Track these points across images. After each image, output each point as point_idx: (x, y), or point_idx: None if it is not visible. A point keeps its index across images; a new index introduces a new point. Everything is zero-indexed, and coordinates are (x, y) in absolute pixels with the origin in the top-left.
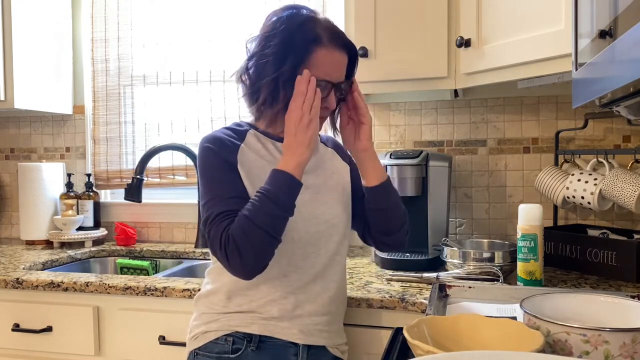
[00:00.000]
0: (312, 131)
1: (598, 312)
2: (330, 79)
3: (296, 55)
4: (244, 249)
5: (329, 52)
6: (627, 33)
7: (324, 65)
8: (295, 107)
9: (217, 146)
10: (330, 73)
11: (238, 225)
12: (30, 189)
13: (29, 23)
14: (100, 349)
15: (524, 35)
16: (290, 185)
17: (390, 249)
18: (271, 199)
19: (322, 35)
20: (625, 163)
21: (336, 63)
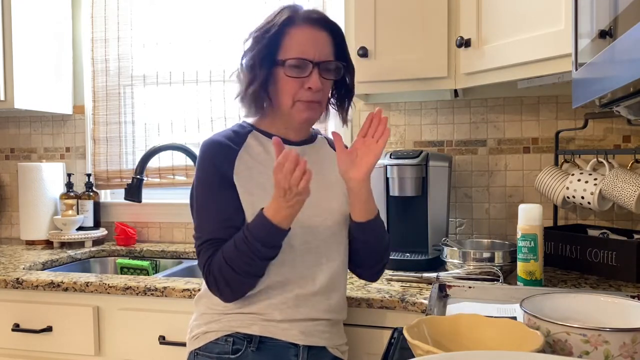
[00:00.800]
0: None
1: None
2: (306, 56)
3: (271, 36)
4: (222, 286)
5: (302, 29)
6: (627, 33)
7: (298, 43)
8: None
9: (215, 154)
10: (306, 50)
11: (217, 264)
12: (30, 189)
13: (29, 23)
14: (100, 349)
15: (524, 35)
16: (274, 235)
17: (361, 278)
18: (252, 251)
19: (295, 16)
20: (625, 163)
21: (311, 39)
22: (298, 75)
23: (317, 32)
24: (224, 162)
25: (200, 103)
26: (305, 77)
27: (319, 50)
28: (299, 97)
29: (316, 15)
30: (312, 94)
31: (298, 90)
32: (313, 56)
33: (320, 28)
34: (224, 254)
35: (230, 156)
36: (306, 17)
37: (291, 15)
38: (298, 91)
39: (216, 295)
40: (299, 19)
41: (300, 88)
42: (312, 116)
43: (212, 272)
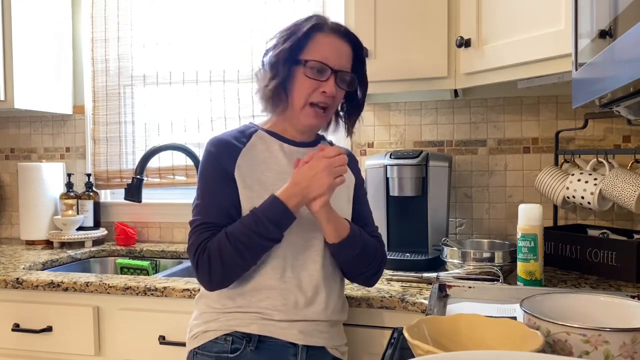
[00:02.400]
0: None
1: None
2: (328, 62)
3: (298, 37)
4: (214, 266)
5: (328, 37)
6: (627, 33)
7: (322, 48)
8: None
9: (219, 151)
10: (329, 57)
11: (217, 242)
12: (30, 189)
13: (29, 23)
14: (100, 349)
15: (524, 35)
16: (285, 216)
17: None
18: (260, 227)
19: (324, 24)
20: (625, 163)
21: (335, 47)
22: (316, 77)
23: (342, 43)
24: (227, 159)
25: (200, 103)
26: (323, 80)
27: (340, 59)
28: (311, 99)
29: (343, 28)
30: (325, 98)
31: (312, 92)
32: (334, 63)
33: (345, 40)
34: (228, 231)
35: (233, 153)
36: (334, 27)
37: (320, 22)
38: (312, 93)
39: (202, 277)
40: (327, 27)
41: (315, 90)
42: (317, 124)
43: (209, 251)
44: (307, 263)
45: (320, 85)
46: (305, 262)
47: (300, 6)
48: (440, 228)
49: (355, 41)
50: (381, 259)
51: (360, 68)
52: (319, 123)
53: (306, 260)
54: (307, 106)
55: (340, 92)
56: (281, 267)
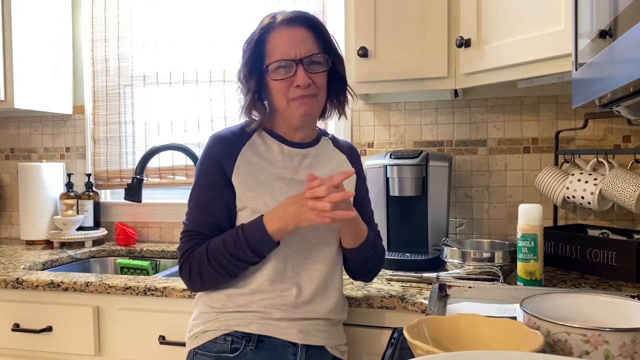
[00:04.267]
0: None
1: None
2: (287, 56)
3: (254, 46)
4: (194, 277)
5: (279, 33)
6: (627, 33)
7: (277, 46)
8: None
9: (219, 149)
10: (286, 51)
11: (199, 256)
12: (30, 189)
13: (29, 23)
14: (100, 349)
15: (524, 35)
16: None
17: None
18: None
19: (274, 22)
20: (625, 163)
21: (288, 38)
22: (284, 76)
23: (295, 30)
24: (225, 157)
25: (200, 103)
26: (292, 76)
27: (299, 47)
28: (290, 96)
29: (292, 14)
30: (302, 91)
31: (287, 90)
32: (294, 54)
33: (298, 26)
34: (209, 247)
35: (233, 151)
36: (282, 20)
37: (270, 21)
38: (288, 91)
39: (184, 282)
40: (276, 23)
41: (290, 87)
42: (308, 110)
43: (190, 260)
44: (307, 263)
45: (292, 81)
46: (304, 262)
47: (300, 6)
48: (440, 228)
49: (310, 21)
50: (382, 257)
51: (327, 44)
52: (310, 109)
53: (306, 260)
54: (290, 102)
55: (318, 77)
56: (281, 268)
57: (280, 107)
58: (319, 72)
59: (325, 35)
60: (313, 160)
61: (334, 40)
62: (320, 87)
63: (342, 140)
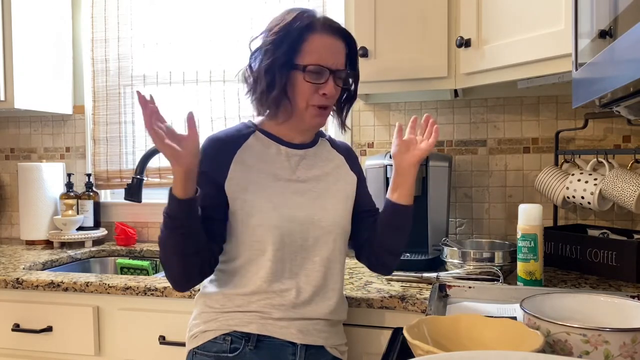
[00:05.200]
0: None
1: (598, 312)
2: (325, 64)
3: (291, 41)
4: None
5: (322, 37)
6: (627, 33)
7: (318, 50)
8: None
9: (214, 151)
10: (325, 58)
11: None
12: (30, 189)
13: (29, 23)
14: (100, 349)
15: (524, 35)
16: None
17: (383, 270)
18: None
19: (315, 23)
20: (625, 163)
21: (330, 47)
22: (316, 81)
23: (335, 41)
24: (219, 159)
25: (200, 103)
26: (322, 83)
27: (335, 58)
28: (312, 101)
29: (335, 24)
30: (326, 100)
31: (313, 95)
32: (331, 64)
33: (338, 37)
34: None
35: (228, 153)
36: (326, 26)
37: (311, 22)
38: (313, 96)
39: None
40: (318, 25)
41: (315, 93)
42: (322, 122)
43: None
44: (306, 263)
45: (320, 87)
46: (303, 263)
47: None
48: (440, 228)
49: (347, 36)
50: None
51: (353, 62)
52: (323, 122)
53: (304, 261)
54: (309, 107)
55: (338, 91)
56: (279, 269)
57: (298, 107)
58: (342, 87)
59: (355, 54)
60: (311, 161)
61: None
62: (335, 100)
63: (339, 141)
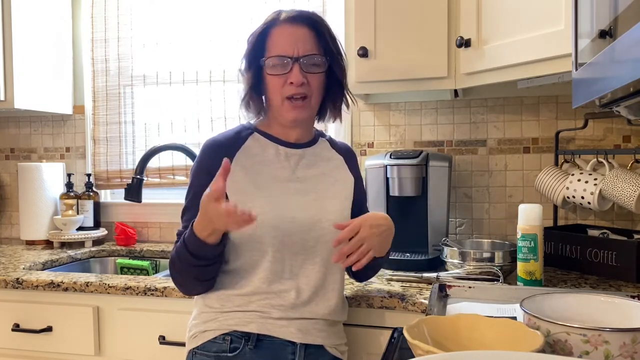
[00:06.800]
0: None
1: (598, 312)
2: (284, 53)
3: (257, 42)
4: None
5: (281, 29)
6: (627, 33)
7: (278, 41)
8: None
9: (212, 155)
10: (284, 47)
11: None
12: (30, 189)
13: (29, 23)
14: (100, 349)
15: (524, 35)
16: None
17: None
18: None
19: (278, 18)
20: (625, 163)
21: (289, 36)
22: (279, 72)
23: (296, 29)
24: (217, 164)
25: (200, 103)
26: (287, 73)
27: (297, 46)
28: (284, 93)
29: (296, 13)
30: (296, 89)
31: (282, 87)
32: (292, 51)
33: (300, 25)
34: (172, 257)
35: (227, 156)
36: (286, 17)
37: (274, 17)
38: (282, 88)
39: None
40: (280, 20)
41: (285, 84)
42: (299, 115)
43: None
44: (306, 264)
45: (287, 78)
46: (303, 264)
47: (300, 6)
48: (440, 228)
49: (313, 22)
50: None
51: (330, 46)
52: (300, 114)
53: (304, 261)
54: (284, 101)
55: (314, 78)
56: (279, 270)
57: (274, 104)
58: (315, 73)
59: (327, 37)
60: (310, 160)
61: (338, 44)
62: (314, 88)
63: (340, 141)
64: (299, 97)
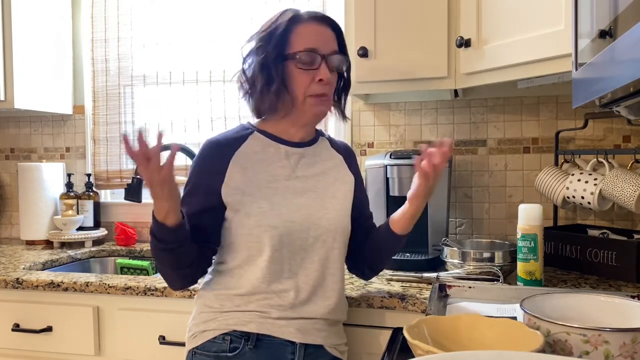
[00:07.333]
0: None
1: (598, 312)
2: (316, 49)
3: (279, 35)
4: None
5: (308, 25)
6: (627, 33)
7: (306, 37)
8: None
9: (209, 156)
10: (314, 43)
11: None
12: (30, 189)
13: (29, 23)
14: (100, 349)
15: (524, 35)
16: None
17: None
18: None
19: (300, 15)
20: (625, 163)
21: (318, 33)
22: (309, 67)
23: (322, 28)
24: (216, 163)
25: (200, 103)
26: (315, 69)
27: (326, 43)
28: (310, 91)
29: (320, 14)
30: (323, 87)
31: (309, 84)
32: (322, 49)
33: (325, 24)
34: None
35: (226, 156)
36: (310, 15)
37: (295, 14)
38: (309, 85)
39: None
40: (303, 17)
41: (312, 82)
42: (324, 110)
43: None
44: (305, 263)
45: (315, 75)
46: (302, 262)
47: (300, 6)
48: (440, 228)
49: (335, 23)
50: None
51: (343, 48)
52: (326, 109)
53: (304, 260)
54: (307, 98)
55: (334, 77)
56: (278, 269)
57: (297, 100)
58: (337, 72)
59: (343, 41)
60: (310, 159)
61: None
62: (333, 87)
63: (339, 140)
64: (324, 96)
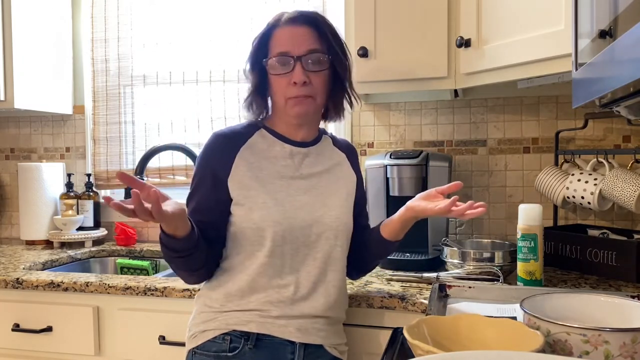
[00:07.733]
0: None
1: (598, 312)
2: (287, 52)
3: (260, 43)
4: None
5: (284, 29)
6: (627, 33)
7: (279, 41)
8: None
9: (216, 149)
10: (285, 46)
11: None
12: (30, 189)
13: (29, 23)
14: (100, 349)
15: (524, 35)
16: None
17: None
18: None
19: (280, 19)
20: (625, 163)
21: (291, 35)
22: (281, 72)
23: (297, 29)
24: (223, 156)
25: (200, 103)
26: (289, 72)
27: (299, 44)
28: (288, 94)
29: (297, 13)
30: (299, 89)
31: (286, 87)
32: (294, 50)
33: (301, 24)
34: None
35: (231, 150)
36: (288, 18)
37: (277, 18)
38: (286, 89)
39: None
40: (281, 21)
41: (288, 85)
42: (303, 110)
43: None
44: (308, 259)
45: (290, 78)
46: (305, 259)
47: (300, 6)
48: (440, 228)
49: (315, 21)
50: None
51: (333, 45)
52: (305, 109)
53: (306, 257)
54: (287, 101)
55: (317, 77)
56: (279, 265)
57: (278, 104)
58: (317, 71)
59: (329, 36)
60: (314, 159)
61: (341, 42)
62: (318, 88)
63: (341, 138)
64: (302, 97)
